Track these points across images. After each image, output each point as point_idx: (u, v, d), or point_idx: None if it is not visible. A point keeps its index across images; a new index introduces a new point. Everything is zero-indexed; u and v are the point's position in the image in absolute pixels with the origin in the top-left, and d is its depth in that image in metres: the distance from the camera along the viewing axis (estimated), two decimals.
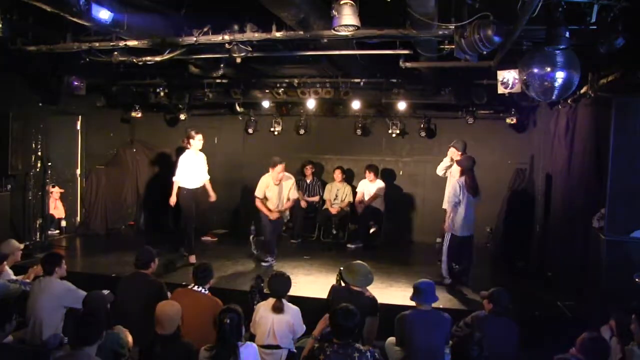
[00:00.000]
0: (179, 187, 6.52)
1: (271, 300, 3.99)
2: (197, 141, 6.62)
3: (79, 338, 2.96)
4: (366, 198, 8.30)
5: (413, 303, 4.04)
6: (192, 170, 6.58)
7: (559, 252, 6.05)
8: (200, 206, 6.98)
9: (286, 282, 4.16)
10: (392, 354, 4.01)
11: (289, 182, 6.94)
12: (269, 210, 6.79)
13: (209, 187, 6.83)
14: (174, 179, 6.55)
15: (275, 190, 6.83)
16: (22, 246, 5.05)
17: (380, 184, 8.35)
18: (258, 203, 6.82)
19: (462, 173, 6.05)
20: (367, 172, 8.39)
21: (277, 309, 3.92)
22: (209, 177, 6.85)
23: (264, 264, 6.82)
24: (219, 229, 8.93)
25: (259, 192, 6.82)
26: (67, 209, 8.39)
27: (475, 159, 6.09)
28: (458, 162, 6.17)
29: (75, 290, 4.13)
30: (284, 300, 4.00)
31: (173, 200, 6.53)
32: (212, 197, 6.83)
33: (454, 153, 6.46)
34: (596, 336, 3.28)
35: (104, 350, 3.20)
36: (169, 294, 4.27)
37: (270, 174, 6.76)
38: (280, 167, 6.68)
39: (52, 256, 4.32)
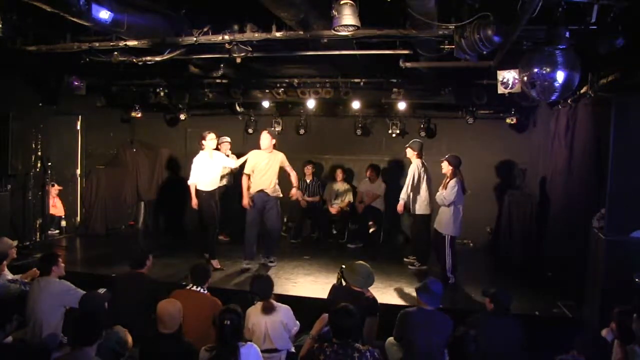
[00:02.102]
0: (197, 190, 6.39)
1: (259, 304, 3.97)
2: (208, 141, 6.48)
3: (78, 338, 2.96)
4: (366, 198, 8.30)
5: (413, 296, 4.02)
6: (206, 172, 6.44)
7: (559, 252, 6.05)
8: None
9: (269, 282, 4.18)
10: (392, 354, 4.00)
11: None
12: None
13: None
14: (189, 182, 6.43)
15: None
16: (14, 243, 5.03)
17: (381, 184, 8.36)
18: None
19: (454, 173, 6.00)
20: (368, 172, 8.39)
21: (268, 309, 3.92)
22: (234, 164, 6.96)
23: (271, 264, 6.71)
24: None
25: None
26: (66, 208, 8.38)
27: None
28: (449, 161, 6.08)
29: (75, 289, 4.12)
30: (272, 300, 4.00)
31: (195, 202, 6.38)
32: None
33: (410, 153, 6.67)
34: (596, 336, 3.28)
35: (103, 349, 3.20)
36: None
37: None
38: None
39: (49, 256, 4.32)
